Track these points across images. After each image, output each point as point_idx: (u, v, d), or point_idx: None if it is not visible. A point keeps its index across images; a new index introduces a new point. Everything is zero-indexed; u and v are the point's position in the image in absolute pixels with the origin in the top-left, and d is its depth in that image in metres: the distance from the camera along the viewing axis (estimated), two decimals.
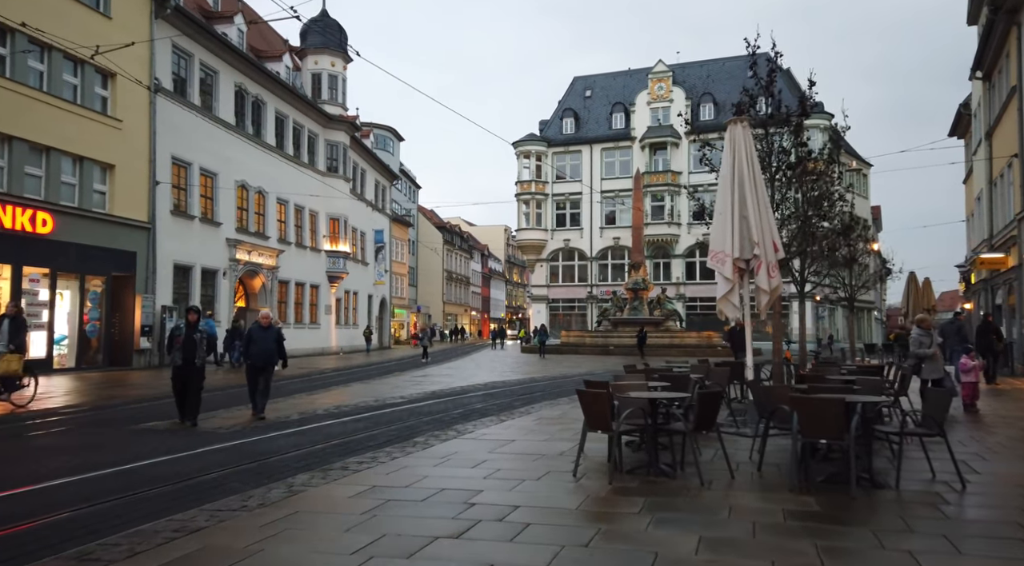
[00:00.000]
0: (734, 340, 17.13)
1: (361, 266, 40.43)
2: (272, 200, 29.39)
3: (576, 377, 18.05)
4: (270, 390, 10.51)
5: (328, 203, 34.24)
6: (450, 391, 14.68)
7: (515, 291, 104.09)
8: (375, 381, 17.65)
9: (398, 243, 56.26)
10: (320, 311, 33.91)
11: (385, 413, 11.16)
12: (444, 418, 10.50)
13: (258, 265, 27.91)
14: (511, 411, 11.00)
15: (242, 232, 26.93)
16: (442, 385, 16.17)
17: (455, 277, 76.69)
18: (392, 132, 63.63)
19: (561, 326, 48.91)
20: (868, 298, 59.18)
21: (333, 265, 34.74)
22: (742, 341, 9.86)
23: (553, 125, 53.58)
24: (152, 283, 21.47)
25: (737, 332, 16.33)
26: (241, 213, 27.24)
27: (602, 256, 50.75)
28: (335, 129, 34.66)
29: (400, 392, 14.35)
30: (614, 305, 39.33)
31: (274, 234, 29.51)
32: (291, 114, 31.15)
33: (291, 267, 30.85)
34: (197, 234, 24.12)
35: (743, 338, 9.49)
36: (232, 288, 26.15)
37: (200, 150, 24.24)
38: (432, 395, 13.77)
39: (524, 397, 13.48)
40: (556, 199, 51.94)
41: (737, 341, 16.27)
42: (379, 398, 13.15)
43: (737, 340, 16.26)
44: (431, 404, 12.39)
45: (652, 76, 50.30)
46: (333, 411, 11.26)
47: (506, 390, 15.12)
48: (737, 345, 16.00)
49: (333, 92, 34.94)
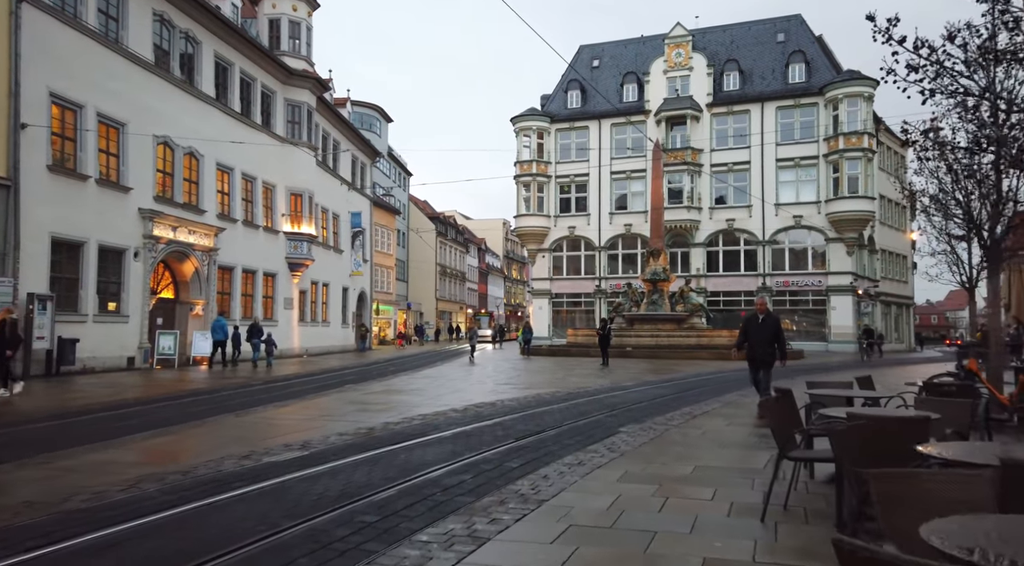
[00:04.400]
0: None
1: (333, 253, 34.60)
2: (209, 165, 23.56)
3: (612, 397, 12.30)
4: None
5: (288, 175, 28.42)
6: (398, 431, 8.89)
7: (514, 288, 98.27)
8: (292, 404, 11.80)
9: (383, 232, 50.43)
10: (278, 305, 28.09)
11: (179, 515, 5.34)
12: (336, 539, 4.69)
13: (188, 245, 22.09)
14: (499, 491, 5.24)
15: (164, 202, 21.10)
16: (394, 414, 10.35)
17: (449, 272, 70.87)
18: (379, 111, 57.81)
19: (565, 324, 43.07)
20: (906, 293, 53.46)
21: (295, 250, 28.91)
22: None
23: (557, 99, 47.74)
24: (12, 261, 15.63)
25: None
26: (163, 178, 21.41)
27: (612, 246, 44.93)
28: (297, 86, 28.82)
29: (309, 433, 8.50)
30: (628, 299, 33.51)
31: (212, 208, 23.68)
32: (238, 62, 25.30)
33: (237, 250, 25.03)
34: (92, 200, 18.29)
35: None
36: (147, 273, 20.31)
37: (99, 90, 18.42)
38: (360, 443, 7.97)
39: (525, 451, 7.66)
40: (560, 181, 46.10)
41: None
42: (249, 452, 7.27)
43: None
44: (331, 469, 6.58)
45: (669, 41, 44.44)
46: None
47: (495, 425, 9.34)
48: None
49: (295, 43, 29.09)
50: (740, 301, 41.84)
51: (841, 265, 39.60)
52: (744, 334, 9.82)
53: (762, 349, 9.58)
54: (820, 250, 40.52)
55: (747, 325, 9.89)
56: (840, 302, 39.44)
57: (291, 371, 20.14)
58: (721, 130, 42.79)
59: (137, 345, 19.83)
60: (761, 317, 9.70)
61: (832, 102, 39.32)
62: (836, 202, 39.06)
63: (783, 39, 43.88)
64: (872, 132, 39.63)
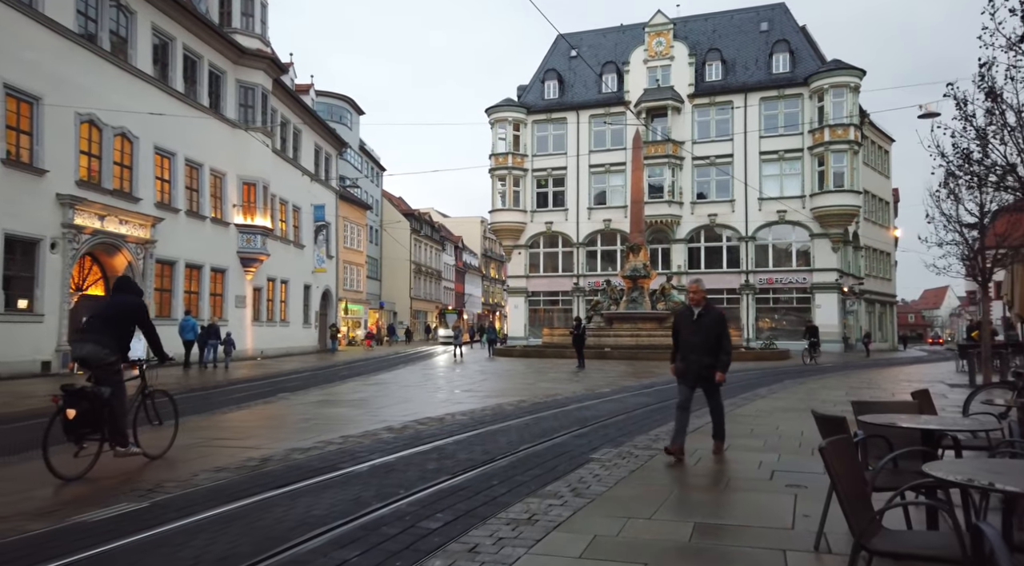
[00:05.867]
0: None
1: (294, 248, 32.41)
2: (146, 148, 21.32)
3: (585, 407, 10.52)
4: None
5: (240, 162, 26.23)
6: (297, 464, 6.93)
7: (492, 287, 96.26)
8: (190, 421, 9.77)
9: (353, 227, 48.19)
10: (228, 303, 25.87)
11: None
12: None
13: (119, 237, 19.85)
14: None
15: (90, 188, 18.86)
16: (310, 436, 8.37)
17: (425, 270, 68.71)
18: (350, 103, 55.59)
19: (543, 323, 41.22)
20: (889, 291, 52.38)
21: (247, 243, 26.70)
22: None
23: (534, 89, 45.87)
24: None
25: None
26: (89, 161, 19.16)
27: (590, 242, 43.17)
28: (250, 67, 26.62)
29: (169, 472, 6.45)
30: (607, 297, 31.79)
31: (149, 195, 21.45)
32: (180, 36, 23.08)
33: (179, 243, 22.82)
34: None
35: None
36: (67, 267, 18.05)
37: (7, 59, 16.18)
38: (228, 489, 5.99)
39: (458, 497, 5.77)
40: (537, 175, 44.23)
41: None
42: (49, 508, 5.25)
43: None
44: (137, 545, 4.63)
45: (649, 30, 42.78)
46: None
47: (431, 452, 7.43)
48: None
49: (248, 20, 26.90)
50: (723, 299, 40.29)
51: (826, 262, 38.22)
52: (675, 337, 6.70)
53: (700, 358, 6.39)
54: (804, 247, 39.12)
55: (678, 324, 6.72)
56: (825, 300, 38.05)
57: (234, 376, 18.01)
58: (703, 122, 41.23)
59: (54, 348, 17.58)
60: (697, 311, 6.53)
61: (817, 93, 37.93)
62: (821, 196, 37.67)
63: (767, 28, 42.45)
64: (858, 124, 38.31)
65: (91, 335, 6.06)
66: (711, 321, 6.46)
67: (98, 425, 5.86)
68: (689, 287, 6.70)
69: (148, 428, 6.73)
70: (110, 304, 6.35)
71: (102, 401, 5.83)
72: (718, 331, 6.41)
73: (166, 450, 6.65)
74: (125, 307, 6.26)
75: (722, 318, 6.61)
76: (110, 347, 6.02)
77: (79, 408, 5.72)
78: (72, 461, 5.68)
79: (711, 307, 6.61)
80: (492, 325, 32.22)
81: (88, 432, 5.81)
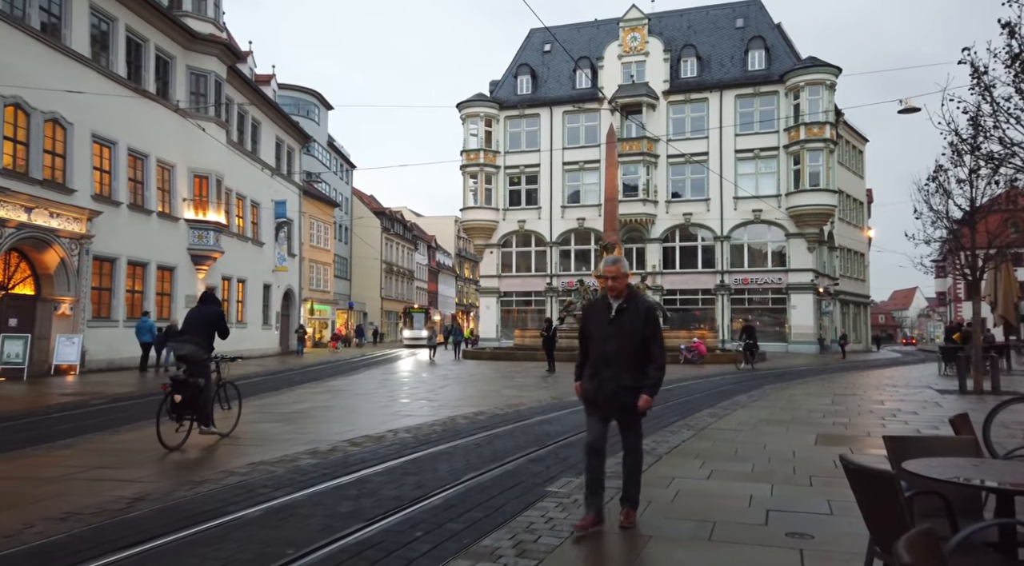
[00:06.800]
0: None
1: (252, 246, 30.81)
2: (82, 136, 19.69)
3: (549, 420, 9.38)
4: None
5: (191, 154, 24.62)
6: (153, 515, 5.63)
7: (466, 287, 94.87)
8: (63, 450, 8.42)
9: (319, 225, 46.59)
10: (177, 303, 24.25)
11: None
12: None
13: (49, 231, 18.21)
14: None
15: (14, 177, 17.23)
16: (207, 466, 7.03)
17: (396, 270, 67.14)
18: (317, 97, 53.93)
19: (515, 324, 40.05)
20: (863, 291, 52.14)
21: (199, 240, 25.10)
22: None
23: (506, 85, 44.70)
24: None
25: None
26: (15, 148, 17.53)
27: (564, 241, 42.12)
28: (201, 52, 25.01)
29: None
30: (580, 297, 30.72)
31: (85, 187, 19.81)
32: (122, 17, 21.45)
33: (120, 238, 21.21)
34: None
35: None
36: None
37: None
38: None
39: (361, 562, 4.55)
40: (509, 172, 43.06)
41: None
42: None
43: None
44: None
45: (624, 25, 41.88)
46: None
47: (352, 486, 6.20)
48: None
49: (200, 3, 25.27)
50: (698, 299, 39.57)
51: (801, 262, 37.63)
52: (583, 342, 4.54)
53: (617, 375, 4.27)
54: (780, 247, 38.50)
55: (587, 323, 4.54)
56: (800, 301, 37.45)
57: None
58: (678, 119, 40.43)
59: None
60: (616, 305, 4.37)
61: (793, 90, 37.31)
62: (797, 195, 37.06)
63: (742, 25, 41.79)
64: (833, 122, 37.79)
65: (190, 337, 7.78)
66: (636, 319, 4.30)
67: (193, 408, 7.54)
68: (605, 270, 4.41)
69: (218, 412, 8.33)
70: (201, 313, 8.02)
71: (198, 389, 7.58)
72: (646, 333, 4.29)
73: (232, 429, 8.31)
74: (212, 315, 8.03)
75: (652, 314, 4.38)
76: (203, 347, 7.79)
77: (184, 394, 7.45)
78: (174, 434, 7.34)
79: (637, 298, 4.43)
80: (458, 325, 30.89)
81: (187, 413, 7.50)
